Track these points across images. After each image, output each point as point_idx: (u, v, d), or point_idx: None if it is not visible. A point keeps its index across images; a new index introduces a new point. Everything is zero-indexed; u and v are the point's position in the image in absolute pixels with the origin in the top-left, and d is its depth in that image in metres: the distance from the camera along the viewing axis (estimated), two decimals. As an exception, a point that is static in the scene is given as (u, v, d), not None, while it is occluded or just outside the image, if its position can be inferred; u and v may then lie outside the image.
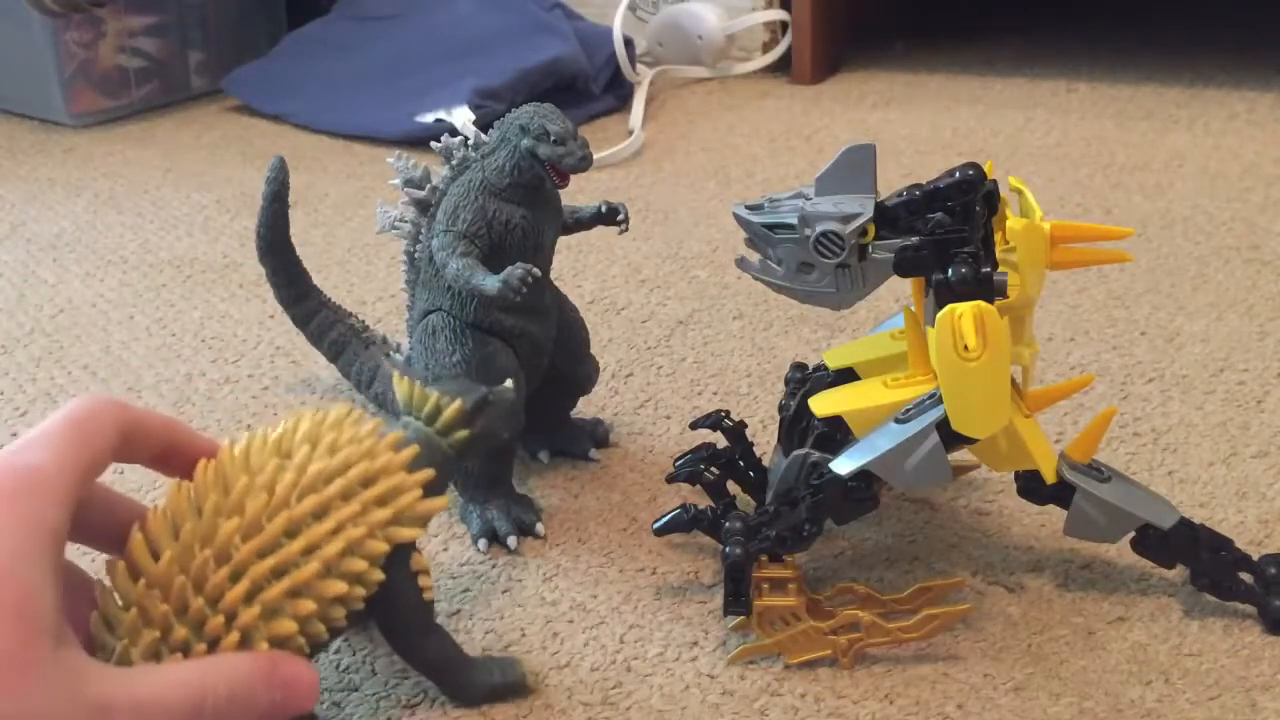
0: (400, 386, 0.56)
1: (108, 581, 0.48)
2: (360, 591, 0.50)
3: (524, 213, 0.65)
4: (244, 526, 0.48)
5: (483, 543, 0.66)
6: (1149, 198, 1.12)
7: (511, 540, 0.65)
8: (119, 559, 0.48)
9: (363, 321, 0.79)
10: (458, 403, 0.55)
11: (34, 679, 0.40)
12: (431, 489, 0.54)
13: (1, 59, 1.52)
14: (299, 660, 0.48)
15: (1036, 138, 1.30)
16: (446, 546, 0.66)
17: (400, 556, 0.52)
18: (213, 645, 0.47)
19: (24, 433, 0.44)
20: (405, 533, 0.52)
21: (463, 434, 0.56)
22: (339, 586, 0.49)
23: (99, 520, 0.49)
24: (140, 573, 0.47)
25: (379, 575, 0.51)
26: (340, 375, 0.80)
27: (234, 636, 0.47)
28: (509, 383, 0.59)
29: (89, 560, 0.52)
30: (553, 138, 0.63)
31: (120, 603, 0.47)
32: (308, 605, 0.48)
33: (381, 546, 0.51)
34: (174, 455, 0.51)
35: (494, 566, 0.65)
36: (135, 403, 0.83)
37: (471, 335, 0.66)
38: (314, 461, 0.50)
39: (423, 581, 0.53)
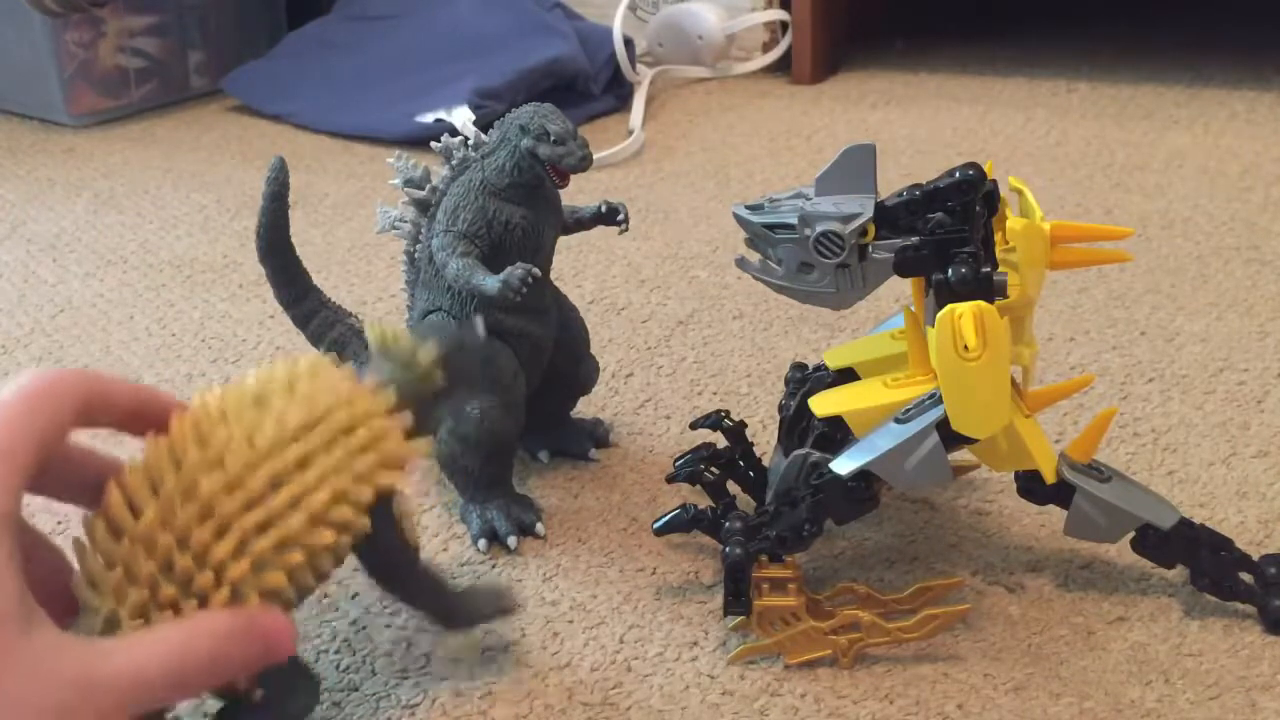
0: (373, 332, 0.55)
1: (85, 540, 0.47)
2: (347, 540, 0.49)
3: (524, 213, 0.65)
4: (227, 480, 0.46)
5: (483, 543, 0.66)
6: (1149, 198, 1.12)
7: (511, 540, 0.65)
8: (98, 516, 0.47)
9: (363, 321, 0.79)
10: (431, 344, 0.54)
11: (4, 669, 0.39)
12: (411, 432, 0.52)
13: (1, 59, 1.52)
14: (274, 610, 0.47)
15: (1036, 138, 1.30)
16: (446, 546, 0.66)
17: (384, 501, 0.51)
18: (203, 602, 0.46)
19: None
20: (390, 477, 0.51)
21: (437, 376, 0.54)
22: (327, 536, 0.48)
23: (67, 474, 0.47)
24: (122, 530, 0.46)
25: (365, 522, 0.50)
26: (340, 375, 0.80)
27: (224, 592, 0.46)
28: (478, 320, 0.58)
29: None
30: (553, 138, 0.63)
31: (103, 562, 0.46)
32: (296, 557, 0.47)
33: (366, 493, 0.50)
34: (143, 417, 0.49)
35: (494, 566, 0.65)
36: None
37: (471, 335, 0.66)
38: (293, 411, 0.49)
39: (407, 525, 0.52)
